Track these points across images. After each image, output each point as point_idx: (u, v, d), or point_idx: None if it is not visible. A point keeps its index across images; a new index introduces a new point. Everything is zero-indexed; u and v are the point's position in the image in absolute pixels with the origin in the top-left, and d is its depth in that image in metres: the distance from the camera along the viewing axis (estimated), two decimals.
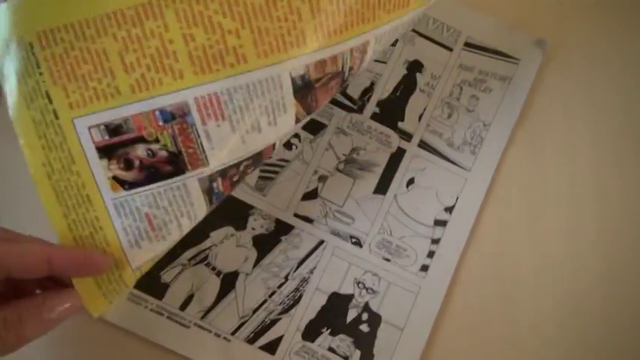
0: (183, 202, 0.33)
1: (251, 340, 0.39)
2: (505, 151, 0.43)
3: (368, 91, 0.43)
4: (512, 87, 0.44)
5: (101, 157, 0.32)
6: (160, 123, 0.31)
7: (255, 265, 0.40)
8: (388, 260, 0.41)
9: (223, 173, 0.33)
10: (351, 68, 0.34)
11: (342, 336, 0.40)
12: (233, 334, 0.39)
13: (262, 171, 0.42)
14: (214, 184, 0.33)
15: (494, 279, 0.42)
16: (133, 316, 0.39)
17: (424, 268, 0.41)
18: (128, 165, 0.32)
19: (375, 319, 0.40)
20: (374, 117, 0.43)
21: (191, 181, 0.32)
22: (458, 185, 0.43)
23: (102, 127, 0.31)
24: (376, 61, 0.44)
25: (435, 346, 0.41)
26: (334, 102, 0.43)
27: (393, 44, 0.44)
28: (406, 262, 0.41)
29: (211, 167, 0.32)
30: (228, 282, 0.40)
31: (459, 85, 0.44)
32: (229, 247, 0.40)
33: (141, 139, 0.31)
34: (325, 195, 0.42)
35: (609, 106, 0.45)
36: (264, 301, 0.40)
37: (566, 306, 0.42)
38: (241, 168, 0.34)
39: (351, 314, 0.40)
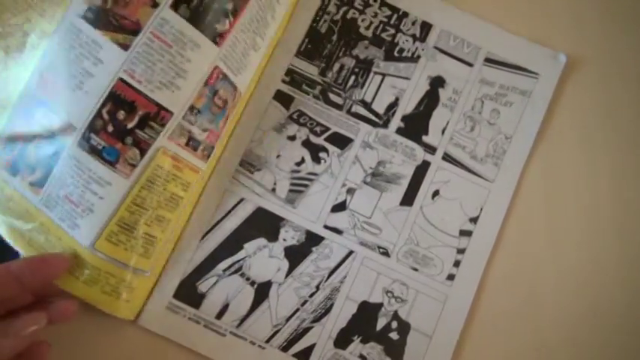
0: (80, 171, 0.38)
1: (285, 348, 0.41)
2: (527, 162, 0.45)
3: (393, 106, 0.45)
4: (532, 100, 0.46)
5: (12, 175, 0.39)
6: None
7: (287, 275, 0.42)
8: (415, 270, 0.43)
9: (92, 127, 0.37)
10: None
11: (372, 344, 0.41)
12: (267, 341, 0.41)
13: (292, 184, 0.43)
14: (93, 142, 0.38)
15: (518, 287, 0.43)
16: (172, 324, 0.41)
17: (450, 277, 0.43)
18: (32, 168, 0.39)
19: (404, 327, 0.42)
20: (399, 131, 0.45)
21: (74, 149, 0.38)
22: (482, 196, 0.44)
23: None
24: (400, 77, 0.45)
25: (463, 353, 0.42)
26: (360, 117, 0.45)
27: (415, 60, 0.46)
28: (433, 272, 0.43)
29: (78, 128, 0.38)
30: (262, 291, 0.42)
31: (481, 99, 0.46)
32: (262, 258, 0.42)
33: (27, 143, 0.39)
34: (353, 207, 0.43)
35: (627, 117, 0.46)
36: (297, 310, 0.42)
37: (588, 312, 0.43)
38: (105, 113, 0.37)
39: (381, 322, 0.42)
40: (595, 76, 0.47)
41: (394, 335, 0.42)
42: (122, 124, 0.38)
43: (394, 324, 0.42)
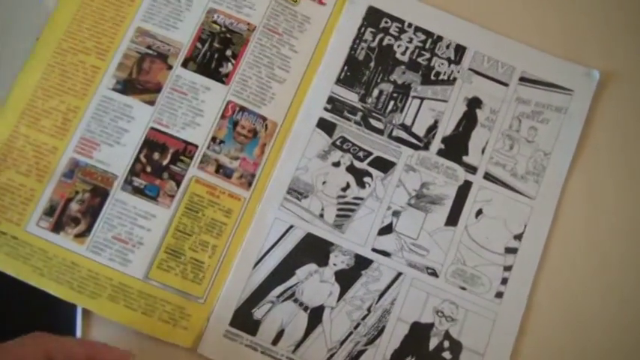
0: (126, 211, 0.43)
1: None
2: (567, 177, 0.46)
3: (432, 129, 0.46)
4: (568, 116, 0.47)
5: (55, 232, 0.43)
6: (69, 181, 0.44)
7: (339, 299, 0.43)
8: (464, 289, 0.43)
9: (133, 171, 0.44)
10: None
11: None
12: None
13: (339, 209, 0.44)
14: (135, 183, 0.44)
15: (565, 301, 0.44)
16: (230, 351, 0.42)
17: (499, 294, 0.43)
18: (75, 221, 0.43)
19: (456, 347, 0.42)
20: (440, 153, 0.46)
21: (119, 194, 0.43)
22: (524, 214, 0.45)
23: (43, 216, 0.43)
24: (437, 100, 0.46)
25: None
26: (401, 141, 0.46)
27: (451, 83, 0.47)
28: (481, 290, 0.43)
29: (120, 176, 0.44)
30: (315, 316, 0.43)
31: (518, 117, 0.47)
32: (314, 283, 0.43)
33: (69, 200, 0.43)
34: (400, 229, 0.44)
35: None
36: (350, 333, 0.42)
37: (635, 325, 0.44)
38: (142, 158, 0.44)
39: (433, 342, 0.43)
40: (628, 89, 0.48)
41: (447, 355, 0.42)
42: (158, 163, 0.44)
43: (446, 343, 0.43)
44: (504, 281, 0.44)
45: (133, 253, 0.43)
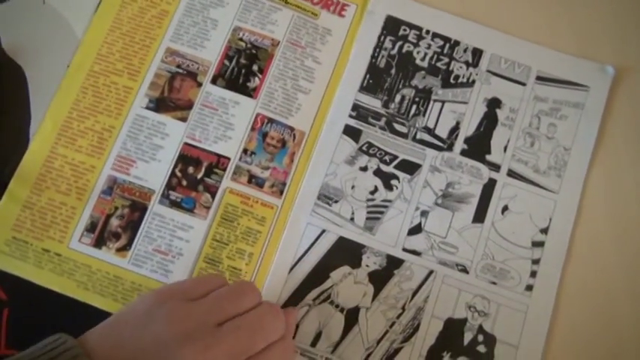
0: (165, 224, 0.45)
1: None
2: (588, 171, 0.47)
3: (455, 130, 0.48)
4: (586, 112, 0.48)
5: (97, 247, 0.44)
6: (108, 198, 0.46)
7: (373, 299, 0.44)
8: (495, 283, 0.45)
9: (170, 186, 0.46)
10: None
11: (462, 358, 0.43)
12: None
13: (369, 212, 0.46)
14: (172, 197, 0.46)
15: (594, 292, 0.45)
16: None
17: (529, 287, 0.44)
18: (116, 236, 0.45)
19: (490, 340, 0.44)
20: (463, 153, 0.47)
21: (157, 207, 0.45)
22: (549, 207, 0.46)
23: (84, 232, 0.45)
24: (458, 102, 0.48)
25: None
26: (425, 143, 0.47)
27: (471, 85, 0.48)
28: (511, 284, 0.45)
29: (157, 190, 0.46)
30: (351, 317, 0.44)
31: (537, 115, 0.48)
32: (348, 285, 0.44)
33: (109, 216, 0.45)
34: (429, 228, 0.46)
35: None
36: (386, 332, 0.44)
37: None
38: (177, 172, 0.46)
39: (467, 337, 0.44)
40: None
41: (482, 348, 0.43)
42: (193, 177, 0.46)
43: (480, 337, 0.44)
44: (533, 274, 0.45)
45: (174, 264, 0.44)
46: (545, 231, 0.46)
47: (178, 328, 0.33)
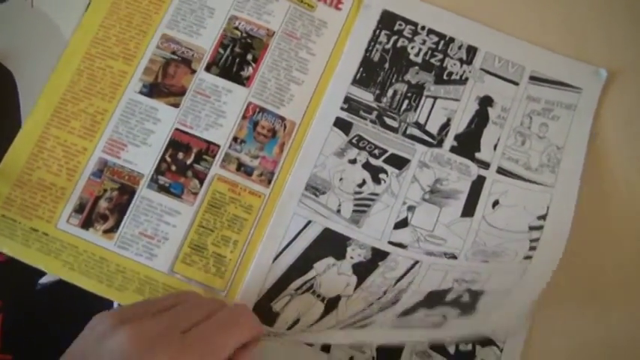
0: (152, 208, 0.45)
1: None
2: (584, 168, 0.46)
3: (445, 127, 0.48)
4: (578, 113, 0.48)
5: (84, 228, 0.44)
6: (98, 180, 0.46)
7: (355, 289, 0.44)
8: (487, 262, 0.44)
9: (159, 170, 0.46)
10: None
11: (440, 308, 0.40)
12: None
13: (356, 205, 0.46)
14: (161, 182, 0.46)
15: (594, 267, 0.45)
16: None
17: (527, 257, 0.43)
18: (104, 218, 0.45)
19: (476, 295, 0.41)
20: (452, 150, 0.47)
21: (145, 191, 0.46)
22: (545, 199, 0.46)
23: (73, 213, 0.45)
24: (450, 99, 0.48)
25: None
26: (415, 138, 0.47)
27: (463, 83, 0.48)
28: (507, 259, 0.43)
29: (146, 175, 0.46)
30: (331, 305, 0.44)
31: (529, 115, 0.48)
32: (331, 276, 0.44)
33: (98, 198, 0.45)
34: (415, 223, 0.46)
35: None
36: (363, 310, 0.43)
37: None
38: (167, 157, 0.46)
39: (450, 297, 0.41)
40: (634, 84, 0.49)
41: (464, 299, 0.41)
42: (182, 162, 0.46)
43: (465, 295, 0.41)
44: (532, 248, 0.43)
45: (159, 248, 0.45)
46: (543, 217, 0.45)
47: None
